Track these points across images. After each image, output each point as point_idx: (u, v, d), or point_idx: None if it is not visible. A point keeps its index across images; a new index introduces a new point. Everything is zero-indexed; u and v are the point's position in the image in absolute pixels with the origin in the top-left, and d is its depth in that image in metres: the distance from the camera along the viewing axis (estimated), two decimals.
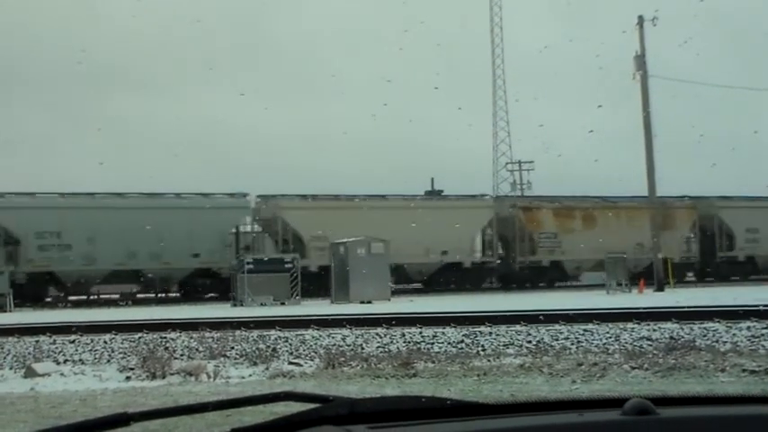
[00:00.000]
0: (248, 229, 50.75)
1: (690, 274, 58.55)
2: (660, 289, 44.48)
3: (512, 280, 54.35)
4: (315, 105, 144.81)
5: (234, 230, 49.08)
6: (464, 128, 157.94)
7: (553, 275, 55.40)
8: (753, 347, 17.32)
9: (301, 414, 1.94)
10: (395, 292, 44.09)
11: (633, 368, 14.67)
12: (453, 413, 1.98)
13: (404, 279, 52.38)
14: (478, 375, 14.57)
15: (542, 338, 19.25)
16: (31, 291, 45.26)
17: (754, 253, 59.25)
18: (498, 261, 55.35)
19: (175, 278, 48.52)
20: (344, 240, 41.33)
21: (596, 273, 52.27)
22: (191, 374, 15.71)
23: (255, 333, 20.77)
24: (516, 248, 54.99)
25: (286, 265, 41.16)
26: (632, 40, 47.30)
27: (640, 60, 46.66)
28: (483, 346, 18.88)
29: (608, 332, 19.51)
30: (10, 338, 21.29)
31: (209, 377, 15.59)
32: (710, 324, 19.78)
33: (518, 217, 55.03)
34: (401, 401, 2.11)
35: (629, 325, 20.22)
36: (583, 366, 15.02)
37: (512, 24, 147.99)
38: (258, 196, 51.14)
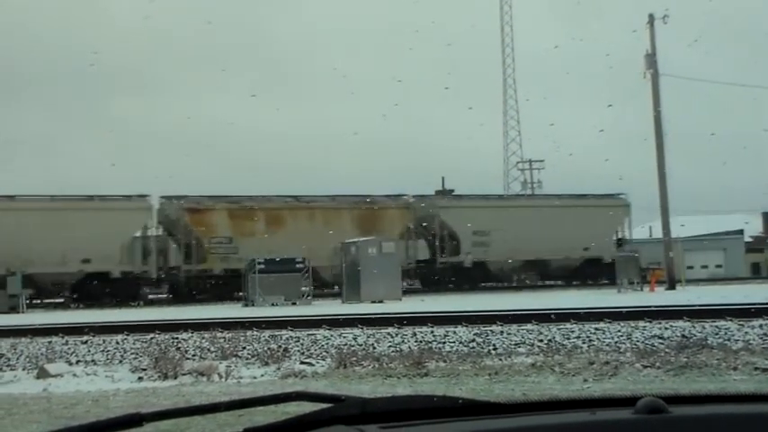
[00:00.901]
0: None
1: (410, 282, 51.97)
2: (672, 287, 44.42)
3: (179, 292, 47.87)
4: (326, 106, 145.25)
5: None
6: (475, 127, 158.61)
7: (227, 285, 46.92)
8: (765, 345, 17.28)
9: (313, 414, 1.94)
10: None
11: (645, 367, 14.65)
12: (465, 412, 1.98)
13: (42, 292, 46.81)
14: (490, 374, 14.56)
15: (554, 337, 19.24)
16: None
17: (484, 258, 52.55)
18: (160, 271, 48.62)
19: None
20: (355, 240, 41.34)
21: None
22: (202, 375, 15.73)
23: (267, 333, 20.78)
24: (182, 255, 48.19)
25: (297, 266, 41.20)
26: (642, 39, 47.31)
27: (651, 59, 46.60)
28: (494, 345, 18.87)
29: (619, 331, 19.48)
30: (23, 339, 21.35)
31: (220, 377, 15.60)
32: (722, 322, 19.73)
33: (183, 219, 48.24)
34: (413, 401, 2.12)
35: (641, 323, 20.18)
36: (594, 365, 14.99)
37: (522, 24, 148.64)
38: None
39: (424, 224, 52.96)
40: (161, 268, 48.56)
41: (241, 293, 42.85)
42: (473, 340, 19.34)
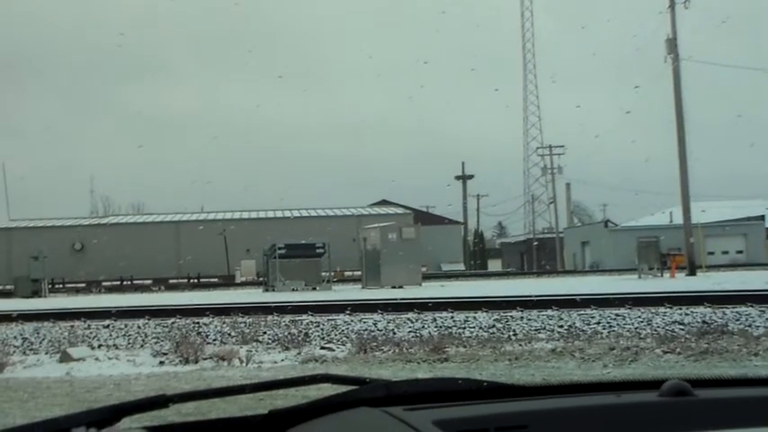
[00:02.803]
0: None
1: None
2: (692, 273, 44.24)
3: None
4: (352, 88, 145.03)
5: None
6: (501, 110, 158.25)
7: None
8: None
9: (339, 396, 1.95)
10: None
11: (665, 352, 14.64)
12: (490, 395, 1.99)
13: None
14: (510, 360, 14.58)
15: (574, 323, 19.22)
16: None
17: None
18: None
19: None
20: (376, 225, 41.32)
21: None
22: (223, 359, 15.81)
23: (287, 318, 20.82)
24: None
25: (317, 251, 41.22)
26: (668, 20, 46.76)
27: (672, 43, 46.26)
28: (514, 330, 18.86)
29: (640, 317, 19.43)
30: (45, 323, 21.48)
31: (241, 362, 15.68)
32: (743, 308, 19.66)
33: None
34: (437, 383, 2.12)
35: (661, 309, 20.13)
36: (615, 351, 14.99)
37: (549, 4, 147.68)
38: None
39: None
40: None
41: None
42: (493, 326, 19.34)
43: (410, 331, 19.12)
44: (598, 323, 19.11)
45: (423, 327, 19.55)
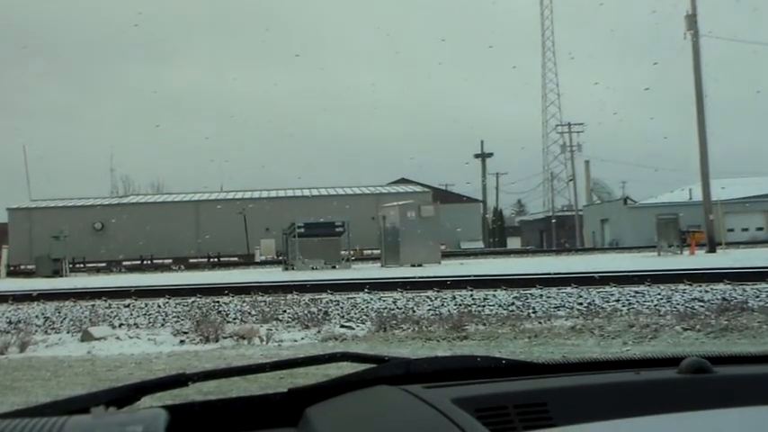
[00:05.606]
0: None
1: None
2: (712, 250, 44.07)
3: None
4: (370, 66, 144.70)
5: None
6: (520, 87, 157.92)
7: None
8: None
9: (358, 374, 1.96)
10: None
11: (685, 329, 14.60)
12: (509, 373, 1.99)
13: None
14: (529, 337, 14.58)
15: (593, 300, 19.18)
16: None
17: None
18: None
19: None
20: (395, 204, 41.27)
21: None
22: (243, 338, 15.86)
23: (307, 296, 20.87)
24: None
25: (337, 229, 41.23)
26: None
27: (691, 20, 45.90)
28: (534, 308, 18.84)
29: (659, 294, 19.39)
30: (67, 302, 21.60)
31: (261, 340, 15.72)
32: (763, 285, 19.58)
33: None
34: (456, 361, 2.13)
35: (681, 286, 20.09)
36: (634, 328, 14.96)
37: None
38: None
39: None
40: None
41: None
42: (512, 303, 19.32)
43: (429, 309, 19.12)
44: (617, 300, 19.07)
45: (442, 305, 19.55)
